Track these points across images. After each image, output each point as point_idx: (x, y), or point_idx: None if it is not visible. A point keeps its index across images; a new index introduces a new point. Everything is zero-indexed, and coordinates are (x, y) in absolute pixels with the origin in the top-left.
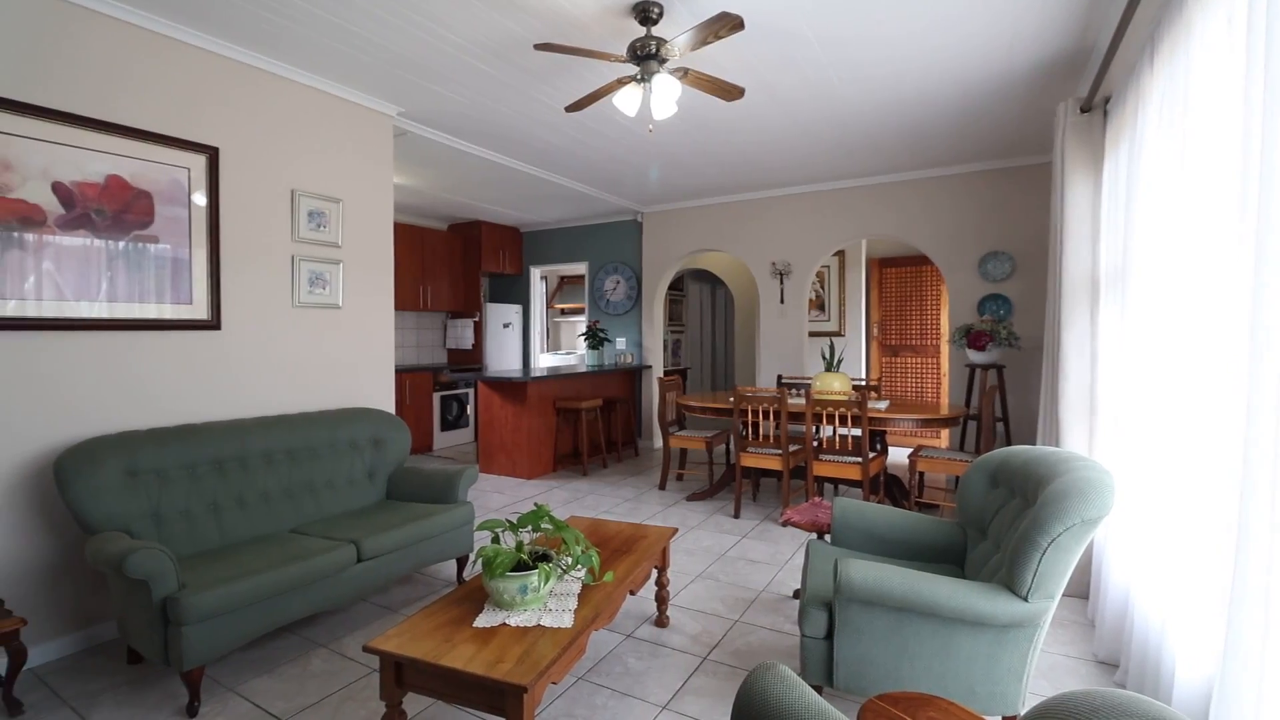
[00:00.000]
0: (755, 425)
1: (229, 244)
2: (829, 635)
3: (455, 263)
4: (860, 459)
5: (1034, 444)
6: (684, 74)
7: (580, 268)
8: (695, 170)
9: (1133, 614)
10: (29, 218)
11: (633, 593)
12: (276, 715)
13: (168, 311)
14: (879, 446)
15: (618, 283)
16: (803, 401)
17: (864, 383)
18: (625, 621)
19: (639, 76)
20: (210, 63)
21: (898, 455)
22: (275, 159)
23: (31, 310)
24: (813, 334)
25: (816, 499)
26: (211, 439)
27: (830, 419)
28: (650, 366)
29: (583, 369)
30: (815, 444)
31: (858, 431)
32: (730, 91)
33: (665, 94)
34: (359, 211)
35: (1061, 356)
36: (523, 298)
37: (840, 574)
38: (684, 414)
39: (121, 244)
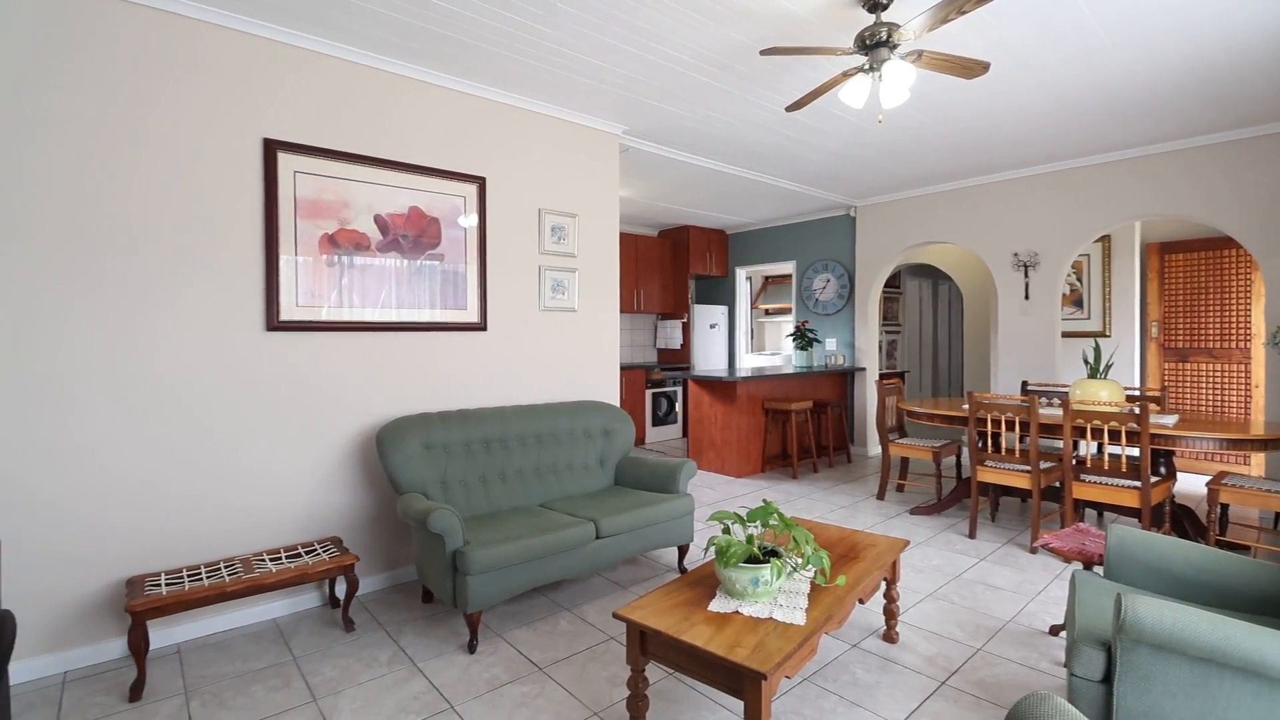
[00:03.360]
0: (995, 436)
1: (492, 258)
2: (1106, 679)
3: (665, 266)
4: (1139, 483)
5: None
6: (918, 57)
7: (787, 267)
8: (918, 157)
9: None
10: (359, 243)
11: (862, 601)
12: (535, 662)
13: (449, 316)
14: (1163, 470)
15: (828, 281)
16: (1058, 412)
17: (1140, 393)
18: (850, 631)
19: (867, 66)
20: (478, 105)
21: (1188, 482)
22: (526, 182)
23: (362, 316)
24: (1067, 335)
25: (1080, 525)
26: (482, 422)
27: (1096, 434)
28: (864, 369)
29: (790, 370)
30: (1075, 462)
31: (1134, 451)
32: (972, 69)
33: (898, 81)
34: (591, 224)
35: None
36: (728, 299)
37: (1126, 611)
38: (905, 420)
39: (418, 262)
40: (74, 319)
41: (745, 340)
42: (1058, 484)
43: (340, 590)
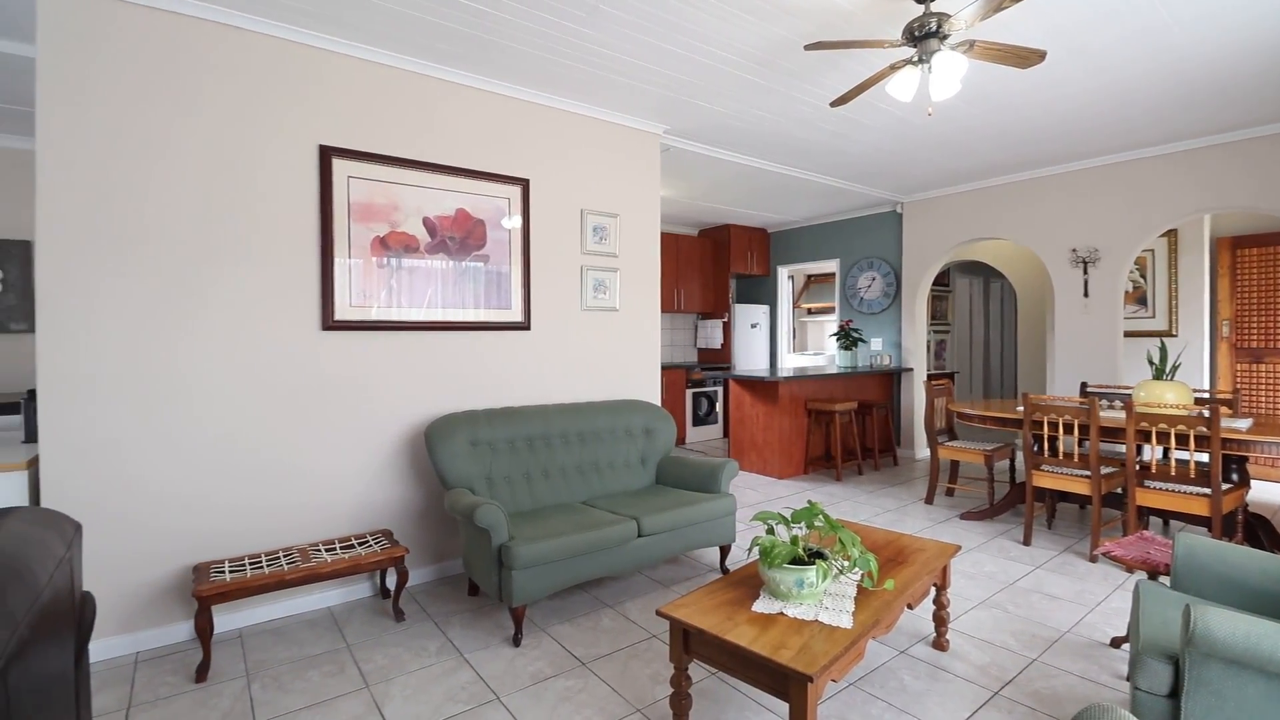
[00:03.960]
0: (1051, 440)
1: (536, 258)
2: (1173, 694)
3: (705, 266)
4: (1209, 490)
5: None
6: (969, 47)
7: (830, 265)
8: (969, 150)
9: None
10: (409, 245)
11: (910, 607)
12: (578, 657)
13: (494, 316)
14: (1235, 476)
15: (873, 279)
16: (1121, 415)
17: (1210, 395)
18: (898, 637)
19: (916, 58)
20: (522, 108)
21: (1263, 490)
22: (568, 183)
23: (411, 315)
24: (1130, 334)
25: (1144, 532)
26: (525, 420)
27: (1162, 438)
28: (911, 369)
29: (834, 370)
30: (1139, 467)
31: (1204, 456)
32: (1027, 58)
33: (948, 73)
34: (632, 224)
35: None
36: (770, 298)
37: (1196, 623)
38: (955, 422)
39: (464, 263)
40: (160, 322)
41: (787, 340)
42: (1119, 490)
43: (391, 581)
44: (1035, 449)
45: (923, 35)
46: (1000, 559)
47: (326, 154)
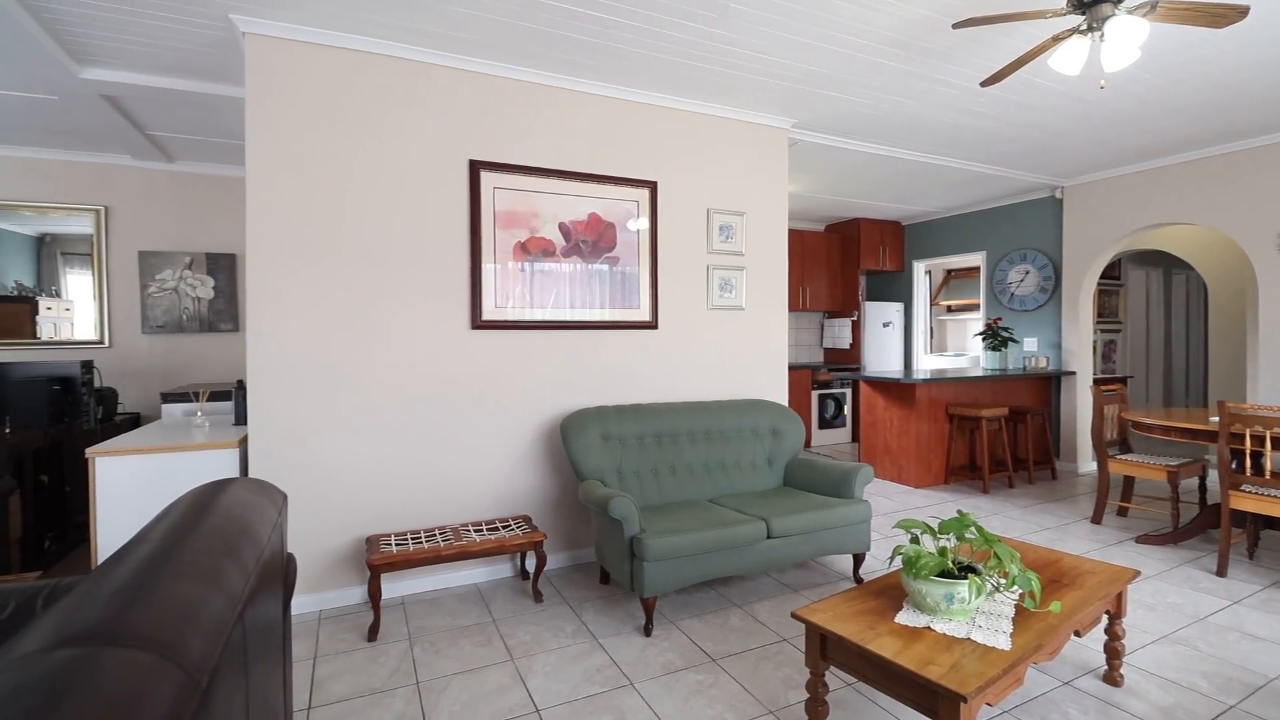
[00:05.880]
0: (1255, 455)
1: (663, 259)
2: None
3: (833, 262)
4: None
5: None
6: (1150, 9)
7: (974, 259)
8: (1147, 125)
9: None
10: (546, 249)
11: (1078, 634)
12: (708, 653)
13: (622, 315)
14: None
15: (1026, 273)
16: None
17: None
18: (1061, 666)
19: (1084, 27)
20: (649, 112)
21: None
22: (694, 183)
23: (545, 315)
24: None
25: None
26: (654, 416)
27: None
28: (1073, 373)
29: (979, 373)
30: None
31: None
32: (1224, 16)
33: (1126, 40)
34: (758, 222)
35: None
36: (904, 295)
37: None
38: (1129, 433)
39: (595, 265)
40: (340, 322)
41: (923, 340)
42: None
43: (529, 564)
44: (1234, 466)
45: (1093, 0)
46: (1187, 590)
47: (475, 168)
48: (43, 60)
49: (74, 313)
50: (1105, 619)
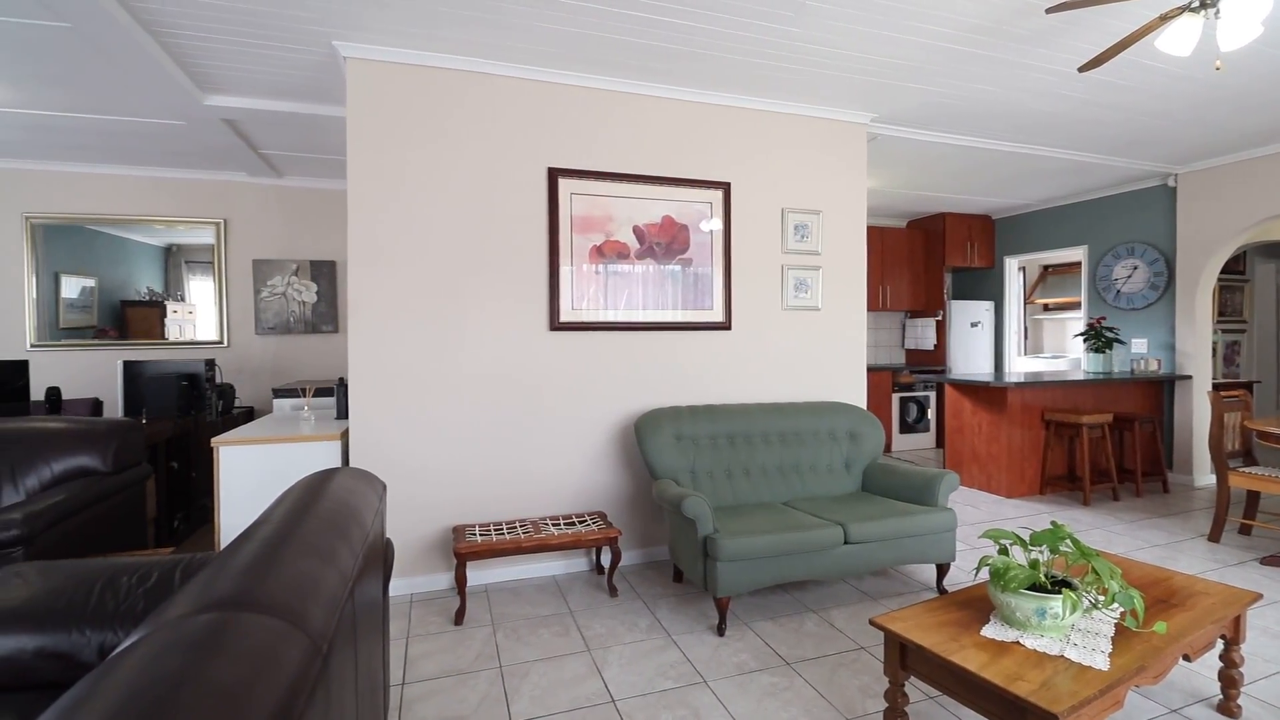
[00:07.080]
0: None
1: (736, 260)
2: None
3: (915, 260)
4: None
5: None
6: None
7: (1075, 253)
8: (1273, 104)
9: None
10: (621, 252)
11: (1188, 659)
12: (782, 656)
13: (695, 316)
14: None
15: (1134, 268)
16: None
17: None
18: (1167, 692)
19: (1196, 4)
20: (721, 113)
21: None
22: (768, 183)
23: (620, 317)
24: None
25: None
26: (727, 417)
27: None
28: (1189, 377)
29: (1080, 376)
30: None
31: None
32: None
33: (1245, 16)
34: (835, 220)
35: None
36: (995, 293)
37: None
38: (1254, 444)
39: (668, 267)
40: (427, 325)
41: (1016, 340)
42: None
43: (604, 559)
44: None
45: None
46: None
47: (554, 175)
48: (173, 90)
49: (196, 316)
50: (1221, 644)
